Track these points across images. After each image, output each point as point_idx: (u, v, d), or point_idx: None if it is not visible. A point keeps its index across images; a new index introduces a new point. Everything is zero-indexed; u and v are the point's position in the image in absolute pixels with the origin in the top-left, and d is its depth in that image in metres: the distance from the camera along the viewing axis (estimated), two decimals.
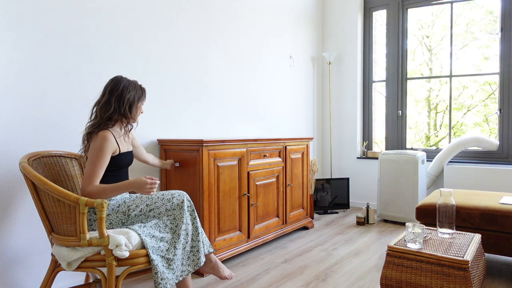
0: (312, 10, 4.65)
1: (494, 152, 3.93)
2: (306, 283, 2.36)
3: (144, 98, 2.02)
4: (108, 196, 1.76)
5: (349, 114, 4.72)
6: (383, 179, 3.93)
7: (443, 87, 5.34)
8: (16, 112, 2.03)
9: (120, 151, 1.91)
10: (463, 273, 1.79)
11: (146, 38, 2.69)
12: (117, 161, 1.89)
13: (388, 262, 2.00)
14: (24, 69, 2.05)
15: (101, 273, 1.69)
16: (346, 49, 4.71)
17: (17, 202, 2.04)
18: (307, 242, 3.22)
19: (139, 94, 1.97)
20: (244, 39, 3.59)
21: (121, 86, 1.91)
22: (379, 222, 3.90)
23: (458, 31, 4.88)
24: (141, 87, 2.01)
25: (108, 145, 1.81)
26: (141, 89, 1.99)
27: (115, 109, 1.88)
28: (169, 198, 1.89)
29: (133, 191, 1.80)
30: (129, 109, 1.92)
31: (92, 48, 2.37)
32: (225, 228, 2.67)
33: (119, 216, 1.84)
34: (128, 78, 1.97)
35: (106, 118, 1.86)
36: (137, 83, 1.99)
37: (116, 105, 1.89)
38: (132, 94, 1.92)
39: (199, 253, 1.86)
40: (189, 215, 1.90)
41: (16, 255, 2.04)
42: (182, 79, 2.97)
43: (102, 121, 1.86)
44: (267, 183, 3.10)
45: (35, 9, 2.09)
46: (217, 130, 3.30)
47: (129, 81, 1.95)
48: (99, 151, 1.79)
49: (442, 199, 2.17)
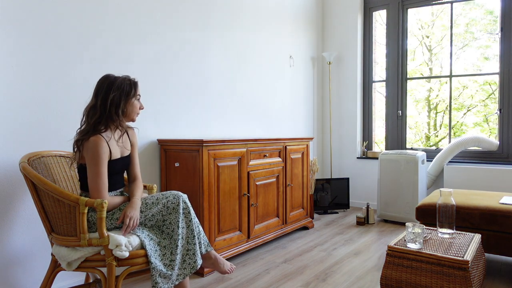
0: (312, 10, 4.65)
1: (494, 152, 3.93)
2: (306, 283, 2.36)
3: (136, 94, 1.86)
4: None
5: (349, 114, 4.72)
6: (383, 179, 3.93)
7: (443, 87, 5.34)
8: (16, 112, 2.03)
9: (112, 157, 1.81)
10: (463, 273, 1.79)
11: (146, 38, 2.69)
12: (108, 167, 1.78)
13: (388, 262, 2.00)
14: (24, 70, 2.05)
15: (101, 273, 1.69)
16: (346, 49, 4.71)
17: (17, 202, 2.04)
18: (307, 242, 3.22)
19: (127, 90, 1.82)
20: (244, 39, 3.59)
21: (105, 87, 1.79)
22: (379, 222, 3.90)
23: (458, 31, 4.88)
24: (131, 82, 1.85)
25: (102, 151, 1.72)
26: (130, 85, 1.84)
27: (101, 113, 1.77)
28: (164, 203, 1.83)
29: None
30: (115, 110, 1.78)
31: (91, 48, 2.36)
32: (225, 228, 2.67)
33: (113, 223, 1.79)
34: (115, 75, 1.84)
35: (93, 123, 1.76)
36: (126, 79, 1.84)
37: (102, 109, 1.77)
38: (116, 93, 1.78)
39: (195, 256, 1.81)
40: (184, 217, 1.84)
41: (16, 255, 2.04)
42: (182, 79, 2.97)
43: (90, 127, 1.76)
44: (267, 183, 3.10)
45: (34, 10, 2.09)
46: (217, 130, 3.30)
47: (115, 79, 1.81)
48: (95, 159, 1.71)
49: (442, 199, 2.17)
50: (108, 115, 1.79)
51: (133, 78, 1.89)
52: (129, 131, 1.98)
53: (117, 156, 1.86)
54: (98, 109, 1.78)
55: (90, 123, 1.77)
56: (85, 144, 1.74)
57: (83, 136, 1.75)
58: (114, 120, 1.81)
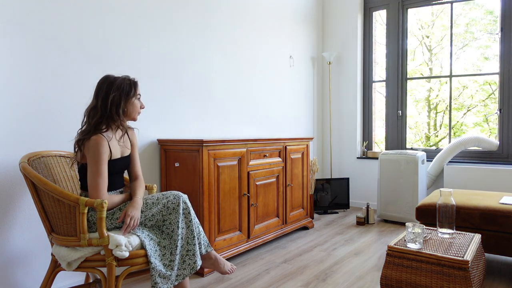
0: (312, 10, 4.65)
1: (494, 152, 3.93)
2: (306, 283, 2.36)
3: (136, 93, 1.87)
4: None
5: (349, 114, 4.72)
6: (383, 179, 3.93)
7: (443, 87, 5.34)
8: (16, 112, 2.03)
9: (112, 157, 1.82)
10: (463, 273, 1.79)
11: (146, 38, 2.69)
12: (108, 167, 1.79)
13: (388, 262, 2.00)
14: (24, 70, 2.05)
15: (101, 273, 1.69)
16: (346, 49, 4.71)
17: (17, 202, 2.04)
18: (307, 242, 3.22)
19: (127, 90, 1.83)
20: (244, 39, 3.59)
21: (105, 87, 1.80)
22: (379, 222, 3.90)
23: (458, 31, 4.88)
24: (131, 81, 1.86)
25: (103, 150, 1.73)
26: (130, 84, 1.85)
27: (102, 114, 1.78)
28: (164, 203, 1.84)
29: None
30: (116, 110, 1.80)
31: (92, 48, 2.36)
32: (225, 228, 2.67)
33: (114, 223, 1.79)
34: (114, 76, 1.85)
35: (94, 124, 1.77)
36: (125, 79, 1.85)
37: (103, 109, 1.78)
38: (117, 93, 1.79)
39: (195, 257, 1.81)
40: (184, 218, 1.84)
41: (16, 255, 2.04)
42: (182, 79, 2.97)
43: (91, 128, 1.77)
44: (267, 183, 3.10)
45: (33, 9, 2.09)
46: (217, 130, 3.31)
47: (115, 79, 1.82)
48: (96, 158, 1.72)
49: (442, 199, 2.17)
50: (109, 115, 1.80)
51: (132, 78, 1.90)
52: (129, 131, 1.98)
53: (118, 156, 1.87)
54: (99, 109, 1.79)
55: (91, 123, 1.78)
56: (86, 143, 1.75)
57: (84, 136, 1.76)
58: (115, 120, 1.82)
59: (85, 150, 1.75)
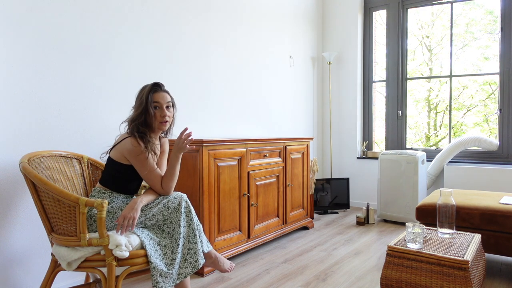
0: (312, 10, 4.65)
1: (494, 152, 3.93)
2: (306, 283, 2.36)
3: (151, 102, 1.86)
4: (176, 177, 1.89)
5: (349, 114, 4.72)
6: (383, 179, 3.93)
7: (443, 87, 5.34)
8: (16, 112, 2.03)
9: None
10: (463, 273, 1.79)
11: (146, 38, 2.69)
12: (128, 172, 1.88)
13: (388, 262, 2.00)
14: (24, 70, 2.05)
15: (101, 273, 1.69)
16: (346, 49, 4.71)
17: (17, 202, 2.04)
18: (307, 242, 3.22)
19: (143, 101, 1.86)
20: (244, 39, 3.59)
21: (137, 99, 1.91)
22: (379, 222, 3.90)
23: (458, 31, 4.88)
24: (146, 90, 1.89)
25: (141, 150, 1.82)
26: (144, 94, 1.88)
27: (134, 126, 1.87)
28: (165, 203, 1.84)
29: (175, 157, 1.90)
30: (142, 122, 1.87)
31: (92, 49, 2.37)
32: (225, 228, 2.67)
33: (114, 222, 1.79)
34: (146, 84, 1.92)
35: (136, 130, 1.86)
36: (145, 89, 1.90)
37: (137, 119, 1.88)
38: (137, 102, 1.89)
39: (197, 255, 1.82)
40: (185, 216, 1.85)
41: (16, 255, 2.04)
42: (182, 79, 2.97)
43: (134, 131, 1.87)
44: (267, 183, 3.10)
45: (34, 9, 2.09)
46: (217, 130, 3.30)
47: (142, 89, 1.91)
48: (138, 154, 1.82)
49: (442, 199, 2.17)
50: (142, 124, 1.87)
51: (150, 85, 1.91)
52: (162, 140, 2.06)
53: None
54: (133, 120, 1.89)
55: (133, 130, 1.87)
56: (124, 140, 1.84)
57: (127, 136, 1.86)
58: (145, 131, 1.89)
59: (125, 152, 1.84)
